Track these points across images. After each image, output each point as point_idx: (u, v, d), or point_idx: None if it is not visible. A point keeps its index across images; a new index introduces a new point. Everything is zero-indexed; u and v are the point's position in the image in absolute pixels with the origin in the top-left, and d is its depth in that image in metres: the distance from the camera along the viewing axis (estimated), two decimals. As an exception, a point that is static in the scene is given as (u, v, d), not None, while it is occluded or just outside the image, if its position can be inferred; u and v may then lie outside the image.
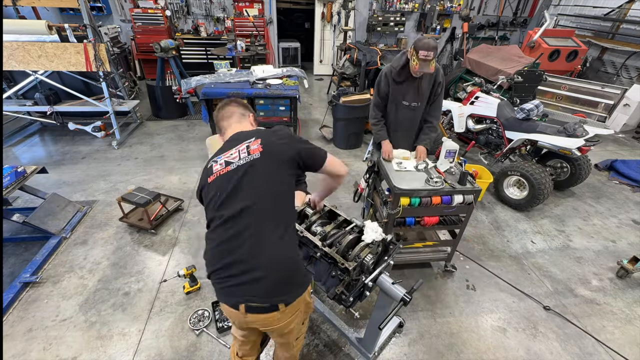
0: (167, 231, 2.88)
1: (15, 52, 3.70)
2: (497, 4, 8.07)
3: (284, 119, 4.69)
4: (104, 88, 4.19)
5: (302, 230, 1.54)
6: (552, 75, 5.51)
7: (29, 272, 2.33)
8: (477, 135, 3.91)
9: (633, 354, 2.03)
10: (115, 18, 6.91)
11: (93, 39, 3.91)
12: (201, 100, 4.12)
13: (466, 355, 1.99)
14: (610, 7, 6.30)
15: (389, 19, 7.53)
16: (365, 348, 1.79)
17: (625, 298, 2.43)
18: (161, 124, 5.11)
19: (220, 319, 2.09)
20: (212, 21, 7.18)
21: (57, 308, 2.16)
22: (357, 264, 1.36)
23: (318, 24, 7.67)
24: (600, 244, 2.99)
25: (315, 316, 2.17)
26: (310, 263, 1.54)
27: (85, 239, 2.76)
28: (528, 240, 2.98)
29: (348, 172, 1.23)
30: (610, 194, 3.78)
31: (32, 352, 1.90)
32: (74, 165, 3.86)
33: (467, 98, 3.88)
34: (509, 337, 2.11)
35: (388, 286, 1.37)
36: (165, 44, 5.00)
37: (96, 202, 3.21)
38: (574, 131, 3.00)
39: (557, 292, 2.46)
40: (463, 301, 2.34)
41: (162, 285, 2.35)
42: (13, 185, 2.51)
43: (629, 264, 2.54)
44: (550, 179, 3.12)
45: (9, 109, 4.20)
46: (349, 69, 5.78)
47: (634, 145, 5.09)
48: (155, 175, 3.69)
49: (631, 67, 6.00)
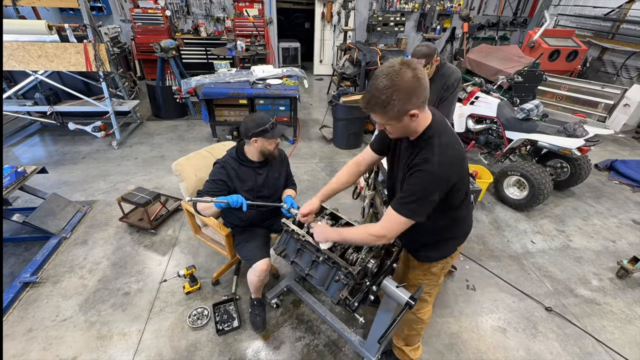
0: (167, 231, 2.88)
1: (15, 52, 3.70)
2: (497, 4, 8.07)
3: (284, 119, 4.69)
4: (104, 88, 4.19)
5: (303, 234, 1.54)
6: (552, 75, 5.51)
7: (29, 272, 2.33)
8: (477, 135, 3.91)
9: (633, 354, 2.03)
10: (115, 18, 6.91)
11: (93, 39, 3.91)
12: (201, 100, 4.13)
13: (466, 355, 1.99)
14: (610, 7, 6.31)
15: (389, 19, 7.53)
16: (369, 351, 1.79)
17: (625, 298, 2.43)
18: (161, 124, 5.11)
19: (221, 321, 2.09)
20: (212, 21, 7.18)
21: (57, 308, 2.16)
22: (361, 267, 1.36)
23: (318, 24, 7.67)
24: (600, 244, 2.99)
25: (315, 316, 2.17)
26: (312, 267, 1.53)
27: (85, 239, 2.76)
28: (528, 240, 2.98)
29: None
30: (610, 194, 3.78)
31: (32, 352, 1.90)
32: (74, 165, 3.86)
33: (467, 98, 3.88)
34: (509, 337, 2.11)
35: (392, 290, 1.37)
36: (165, 44, 5.00)
37: (96, 202, 3.22)
38: (574, 131, 3.00)
39: (557, 292, 2.46)
40: (463, 301, 2.34)
41: (162, 285, 2.35)
42: (13, 185, 2.51)
43: (629, 264, 2.54)
44: (550, 179, 3.12)
45: (9, 109, 4.20)
46: (349, 69, 5.79)
47: (634, 145, 5.09)
48: (155, 175, 3.69)
49: (631, 67, 6.00)
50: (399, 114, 1.07)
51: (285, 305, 2.25)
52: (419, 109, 1.09)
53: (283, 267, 2.54)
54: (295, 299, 2.28)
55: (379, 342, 1.36)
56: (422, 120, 1.16)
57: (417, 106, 1.08)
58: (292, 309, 2.23)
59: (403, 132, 1.19)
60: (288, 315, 2.18)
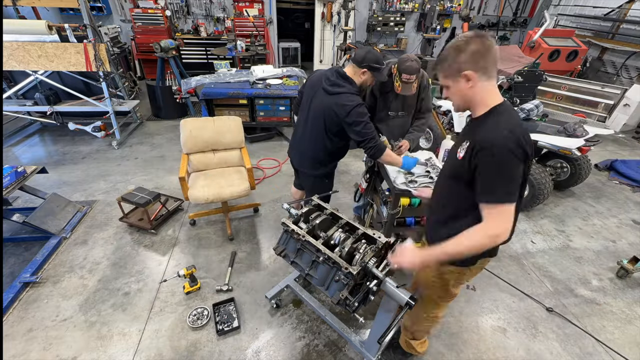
0: (167, 231, 2.88)
1: (15, 52, 3.70)
2: (497, 4, 8.07)
3: (284, 119, 4.68)
4: (104, 88, 4.19)
5: (303, 234, 1.53)
6: (552, 75, 5.51)
7: (29, 272, 2.33)
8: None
9: (633, 354, 2.03)
10: (115, 18, 6.91)
11: (93, 39, 3.91)
12: (201, 100, 4.12)
13: (466, 355, 1.99)
14: (610, 7, 6.30)
15: (389, 19, 7.53)
16: (369, 351, 1.79)
17: (625, 298, 2.43)
18: (161, 124, 5.10)
19: (221, 321, 2.09)
20: (212, 21, 7.18)
21: (57, 308, 2.16)
22: (361, 267, 1.35)
23: (318, 24, 7.66)
24: (600, 244, 2.99)
25: (315, 316, 2.17)
26: (312, 267, 1.53)
27: (85, 239, 2.76)
28: (528, 240, 2.97)
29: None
30: (610, 194, 3.78)
31: (32, 352, 1.90)
32: (74, 165, 3.86)
33: (467, 98, 3.88)
34: (509, 337, 2.11)
35: (393, 290, 1.37)
36: (165, 44, 5.00)
37: (96, 202, 3.21)
38: (574, 131, 3.00)
39: (557, 292, 2.46)
40: (463, 301, 2.34)
41: (162, 285, 2.35)
42: (13, 185, 2.51)
43: (629, 264, 2.54)
44: (550, 179, 3.12)
45: (9, 109, 4.20)
46: (349, 69, 5.77)
47: (634, 145, 5.09)
48: (155, 175, 3.69)
49: (631, 67, 6.00)
50: (452, 70, 1.08)
51: (285, 305, 2.25)
52: (476, 72, 1.05)
53: (283, 267, 2.54)
54: (295, 299, 2.28)
55: (379, 342, 1.36)
56: (484, 93, 1.08)
57: (475, 70, 1.05)
58: (292, 309, 2.23)
59: (461, 99, 1.13)
60: (288, 315, 2.18)
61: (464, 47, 1.05)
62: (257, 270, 2.51)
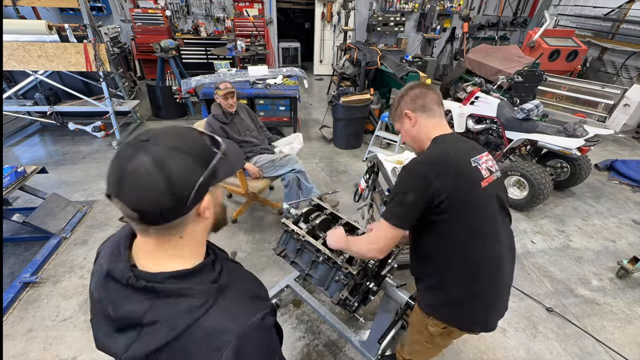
0: (167, 231, 2.88)
1: (15, 52, 3.70)
2: (497, 4, 8.07)
3: (284, 119, 4.69)
4: (104, 88, 4.18)
5: (303, 234, 1.53)
6: (552, 75, 5.51)
7: (29, 272, 2.33)
8: (477, 135, 3.91)
9: (633, 354, 2.03)
10: (115, 18, 6.91)
11: (93, 39, 3.90)
12: (201, 100, 4.12)
13: (466, 355, 1.99)
14: (610, 7, 6.31)
15: (389, 19, 7.53)
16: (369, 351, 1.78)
17: (625, 298, 2.43)
18: (161, 124, 5.11)
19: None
20: (212, 21, 7.18)
21: (57, 308, 2.16)
22: (361, 267, 1.36)
23: (318, 24, 7.67)
24: (600, 244, 2.99)
25: (315, 316, 2.17)
26: (312, 267, 1.53)
27: (85, 239, 2.76)
28: (528, 240, 2.98)
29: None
30: (610, 194, 3.78)
31: (32, 352, 1.90)
32: (74, 165, 3.86)
33: (467, 98, 3.88)
34: (509, 337, 2.11)
35: (393, 290, 1.37)
36: (165, 44, 4.99)
37: (96, 202, 3.21)
38: (574, 131, 3.00)
39: (557, 292, 2.46)
40: (463, 301, 2.34)
41: (162, 285, 2.34)
42: (13, 185, 2.51)
43: (629, 264, 2.54)
44: (550, 179, 3.12)
45: (9, 109, 4.20)
46: (349, 69, 5.78)
47: (634, 145, 5.09)
48: (155, 175, 3.69)
49: (631, 67, 6.00)
50: (398, 113, 1.22)
51: (285, 305, 2.25)
52: (414, 111, 1.17)
53: (283, 267, 2.54)
54: (295, 299, 2.28)
55: (379, 342, 1.36)
56: (427, 128, 1.17)
57: (413, 109, 1.17)
58: (292, 309, 2.23)
59: (409, 138, 1.24)
60: (288, 315, 2.18)
61: (404, 93, 1.21)
62: (257, 270, 2.51)
